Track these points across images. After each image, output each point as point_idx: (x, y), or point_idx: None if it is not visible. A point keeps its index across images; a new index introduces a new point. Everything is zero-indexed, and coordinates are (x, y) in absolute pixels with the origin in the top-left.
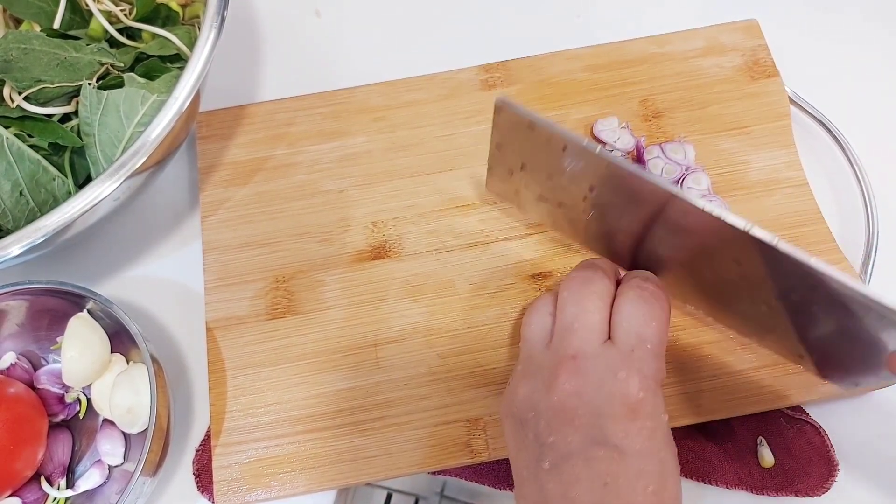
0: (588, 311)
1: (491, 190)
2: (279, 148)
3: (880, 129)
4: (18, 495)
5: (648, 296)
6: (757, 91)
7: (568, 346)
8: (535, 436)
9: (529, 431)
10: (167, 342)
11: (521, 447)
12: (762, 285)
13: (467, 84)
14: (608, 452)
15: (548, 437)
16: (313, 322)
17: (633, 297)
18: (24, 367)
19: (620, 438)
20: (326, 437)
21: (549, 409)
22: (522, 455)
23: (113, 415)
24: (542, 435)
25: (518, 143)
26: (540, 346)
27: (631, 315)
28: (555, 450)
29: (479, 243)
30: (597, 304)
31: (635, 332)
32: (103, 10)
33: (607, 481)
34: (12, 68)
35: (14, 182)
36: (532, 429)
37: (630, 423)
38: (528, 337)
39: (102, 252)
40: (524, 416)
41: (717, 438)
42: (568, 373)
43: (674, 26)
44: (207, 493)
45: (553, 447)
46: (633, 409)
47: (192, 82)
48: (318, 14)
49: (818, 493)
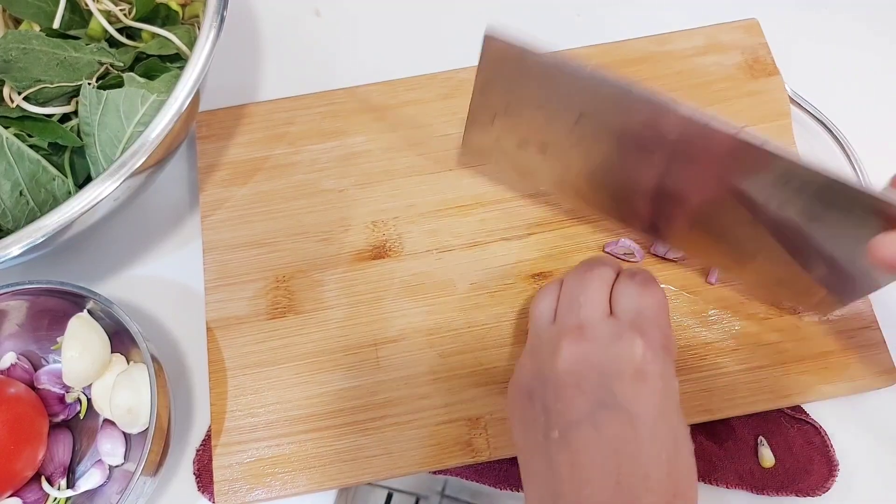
0: (591, 289)
1: (468, 148)
2: (279, 147)
3: (880, 128)
4: (19, 495)
5: (640, 279)
6: (757, 90)
7: (572, 318)
8: (542, 406)
9: (537, 402)
10: (167, 342)
11: (529, 424)
12: (750, 200)
13: (467, 83)
14: (617, 416)
15: (555, 404)
16: (313, 322)
17: (626, 281)
18: (25, 367)
19: (629, 400)
20: (327, 436)
21: (556, 376)
22: (531, 432)
23: (113, 415)
24: (549, 403)
25: (504, 79)
26: (546, 324)
27: (627, 292)
28: (563, 417)
29: (479, 243)
30: (598, 284)
31: (633, 306)
32: (103, 9)
33: (617, 447)
34: (12, 68)
35: (14, 182)
36: (539, 399)
37: (638, 384)
38: (535, 316)
39: (102, 252)
40: (532, 388)
41: (717, 438)
42: (573, 340)
43: (674, 25)
44: (208, 493)
45: (561, 414)
46: (639, 370)
47: (191, 82)
48: (318, 14)
49: (818, 493)
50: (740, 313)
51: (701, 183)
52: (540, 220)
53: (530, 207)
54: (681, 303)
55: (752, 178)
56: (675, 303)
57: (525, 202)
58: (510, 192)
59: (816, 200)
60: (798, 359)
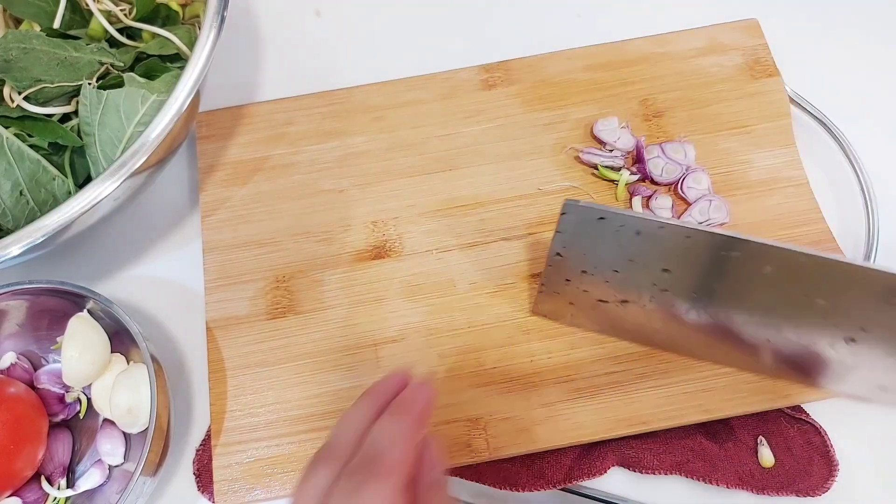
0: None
1: (538, 311)
2: (279, 148)
3: (880, 128)
4: (19, 495)
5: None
6: (757, 90)
7: None
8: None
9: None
10: (167, 342)
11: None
12: None
13: (467, 84)
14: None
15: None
16: (313, 322)
17: None
18: (24, 366)
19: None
20: (327, 436)
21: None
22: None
23: (113, 415)
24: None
25: (582, 243)
26: None
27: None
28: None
29: (479, 243)
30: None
31: None
32: (103, 9)
33: None
34: (12, 68)
35: (14, 182)
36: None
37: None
38: None
39: (102, 252)
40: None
41: (717, 438)
42: None
43: (674, 26)
44: (208, 492)
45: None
46: None
47: (191, 82)
48: (318, 14)
49: (818, 493)
50: None
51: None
52: (540, 220)
53: (530, 207)
54: None
55: None
56: None
57: (525, 202)
58: (510, 191)
59: None
60: None
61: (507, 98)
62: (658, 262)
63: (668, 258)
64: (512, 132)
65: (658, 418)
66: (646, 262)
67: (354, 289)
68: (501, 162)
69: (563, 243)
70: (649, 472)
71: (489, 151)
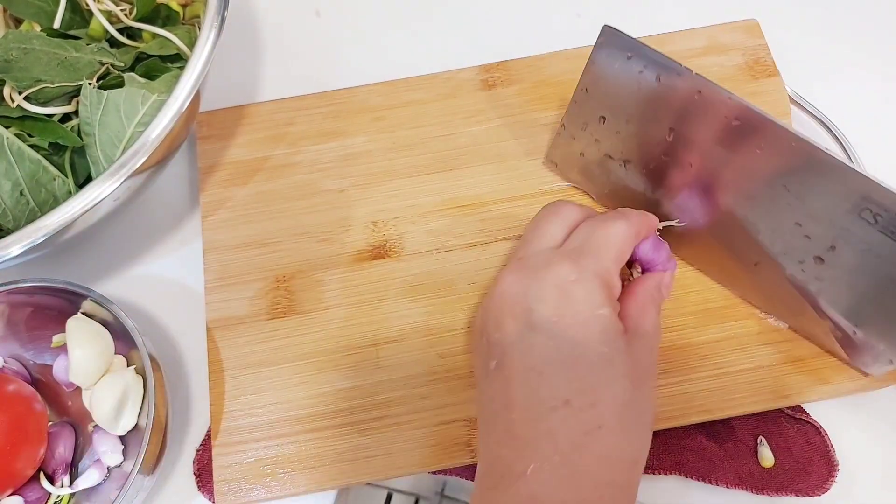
0: (543, 224)
1: (551, 158)
2: (279, 148)
3: (880, 128)
4: (20, 494)
5: (604, 216)
6: (757, 90)
7: (519, 252)
8: (486, 339)
9: (483, 336)
10: (167, 342)
11: (479, 359)
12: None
13: (467, 84)
14: (541, 338)
15: (494, 334)
16: (313, 322)
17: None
18: (14, 369)
19: (552, 321)
20: (327, 436)
21: (493, 306)
22: (480, 368)
23: (96, 416)
24: (489, 334)
25: (608, 82)
26: None
27: (584, 227)
28: (499, 345)
29: (479, 243)
30: (554, 219)
31: (581, 238)
32: (103, 9)
33: (542, 370)
34: (12, 68)
35: (14, 182)
36: (484, 332)
37: (560, 304)
38: None
39: (102, 252)
40: (481, 325)
41: (717, 438)
42: (511, 270)
43: (674, 26)
44: (208, 492)
45: (497, 343)
46: (564, 292)
47: (192, 82)
48: (318, 14)
49: (818, 493)
50: (740, 312)
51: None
52: None
53: (530, 207)
54: (681, 302)
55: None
56: (676, 302)
57: (525, 202)
58: (511, 191)
59: None
60: (798, 359)
61: (507, 98)
62: (667, 119)
63: (677, 116)
64: (512, 132)
65: (658, 418)
66: (656, 116)
67: (355, 289)
68: (502, 162)
69: (591, 79)
70: (649, 472)
71: (489, 151)
